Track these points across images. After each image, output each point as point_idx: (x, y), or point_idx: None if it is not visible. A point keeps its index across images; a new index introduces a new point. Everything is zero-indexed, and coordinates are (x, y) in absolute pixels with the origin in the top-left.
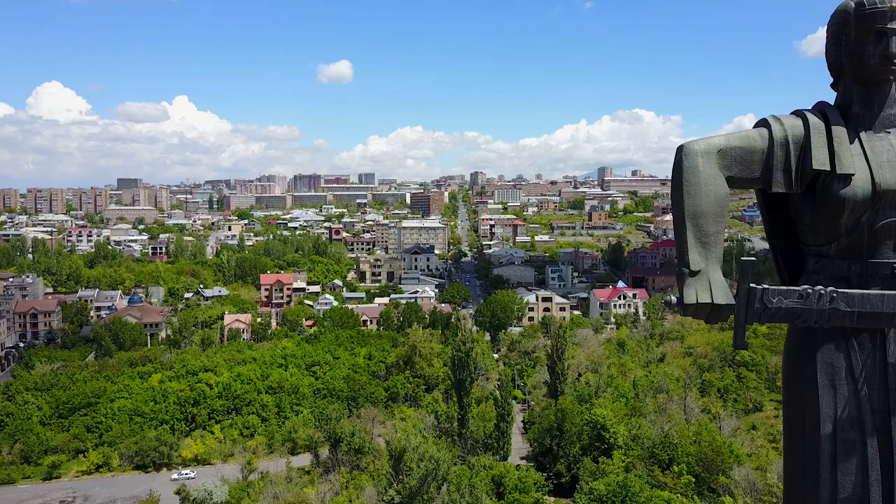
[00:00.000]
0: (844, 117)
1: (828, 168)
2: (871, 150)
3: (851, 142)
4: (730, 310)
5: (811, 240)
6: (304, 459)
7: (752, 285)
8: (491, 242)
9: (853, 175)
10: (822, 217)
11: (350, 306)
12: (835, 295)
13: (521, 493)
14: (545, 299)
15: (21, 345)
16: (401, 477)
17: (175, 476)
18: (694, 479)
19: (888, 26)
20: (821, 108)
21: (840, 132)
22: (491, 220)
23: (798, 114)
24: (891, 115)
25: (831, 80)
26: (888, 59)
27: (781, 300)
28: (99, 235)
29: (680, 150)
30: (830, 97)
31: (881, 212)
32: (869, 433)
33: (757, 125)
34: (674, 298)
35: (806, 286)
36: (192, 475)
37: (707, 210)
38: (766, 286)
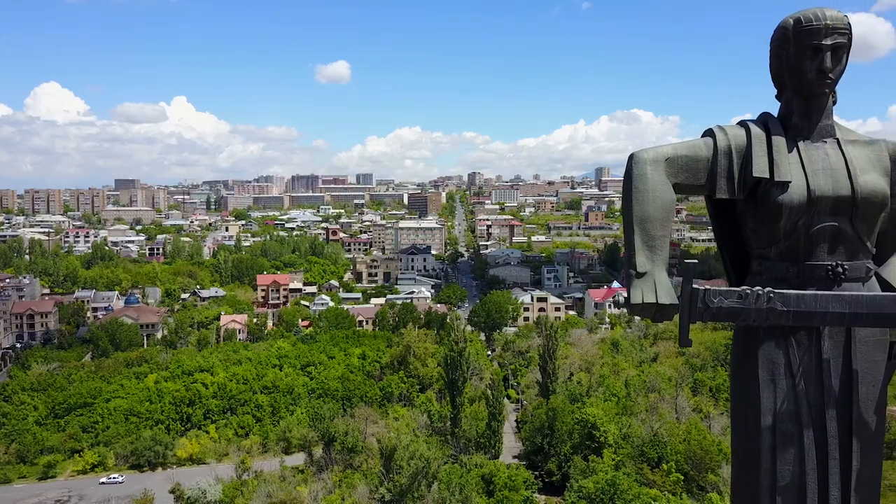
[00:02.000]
0: (785, 127)
1: (767, 175)
2: (807, 159)
3: (790, 151)
4: (674, 309)
5: (754, 243)
6: (298, 459)
7: (694, 286)
8: (488, 243)
9: (790, 182)
10: (763, 221)
11: (346, 307)
12: (772, 295)
13: (510, 490)
14: (540, 299)
15: (18, 345)
16: (391, 475)
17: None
18: (682, 477)
19: (823, 42)
20: (763, 119)
21: (779, 142)
22: (488, 220)
23: (742, 124)
24: (828, 126)
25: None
26: (823, 73)
27: (722, 300)
28: (96, 236)
29: (630, 158)
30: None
31: (816, 216)
32: (805, 425)
33: (704, 135)
34: (622, 298)
35: (745, 287)
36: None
37: (654, 215)
38: (707, 287)
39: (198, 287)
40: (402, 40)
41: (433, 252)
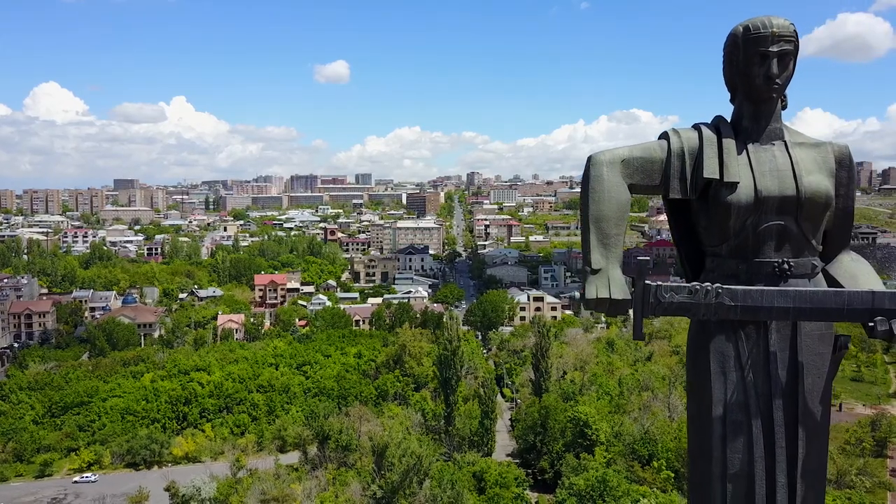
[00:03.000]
0: (736, 130)
1: (717, 176)
2: (755, 161)
3: (739, 153)
4: (627, 304)
5: (707, 241)
6: (292, 457)
7: (646, 282)
8: (485, 242)
9: (738, 183)
10: (714, 220)
11: (343, 306)
12: (720, 291)
13: (501, 487)
14: (536, 299)
15: (15, 345)
16: (383, 472)
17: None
18: (673, 475)
19: (770, 49)
20: (716, 123)
21: (729, 144)
22: (486, 220)
23: (696, 127)
24: (776, 129)
25: (729, 95)
26: (770, 79)
27: (673, 295)
28: (95, 236)
29: (588, 160)
30: (825, 95)
31: (763, 216)
32: (754, 415)
33: (660, 137)
34: (578, 294)
35: (695, 283)
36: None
37: (609, 215)
38: (659, 283)
39: (195, 287)
40: (401, 40)
41: (431, 252)
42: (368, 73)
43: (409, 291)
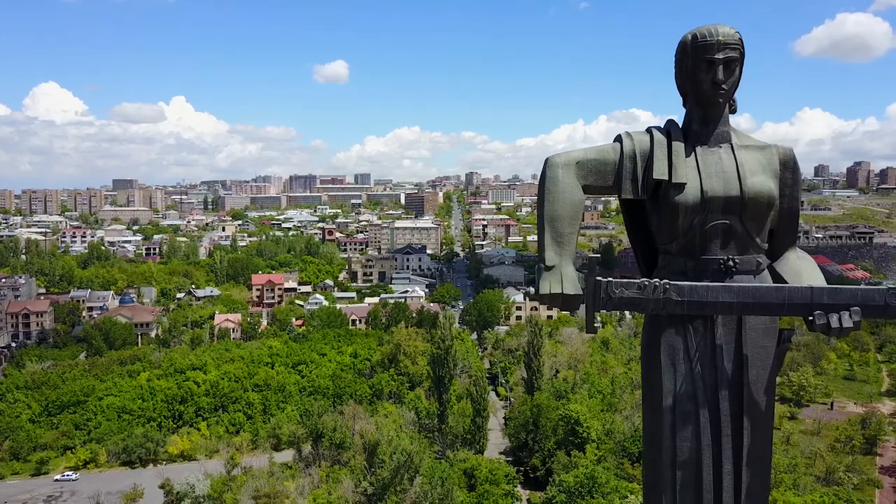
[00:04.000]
0: (686, 134)
1: (666, 177)
2: (703, 163)
3: (688, 155)
4: (579, 299)
5: (659, 240)
6: (287, 455)
7: (598, 278)
8: (483, 242)
9: (686, 183)
10: (664, 220)
11: (340, 306)
12: (667, 286)
13: (491, 484)
14: (532, 298)
15: (13, 345)
16: (374, 469)
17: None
18: None
19: (716, 57)
20: (668, 127)
21: (678, 147)
22: (484, 220)
23: (648, 130)
24: (724, 132)
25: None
26: (716, 84)
27: (623, 291)
28: (93, 236)
29: (545, 162)
30: (825, 95)
31: (710, 215)
32: (701, 405)
33: (615, 140)
34: (532, 290)
35: (643, 279)
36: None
37: (563, 214)
38: (609, 279)
39: (193, 287)
40: (400, 40)
41: (429, 252)
42: (368, 73)
43: (406, 291)
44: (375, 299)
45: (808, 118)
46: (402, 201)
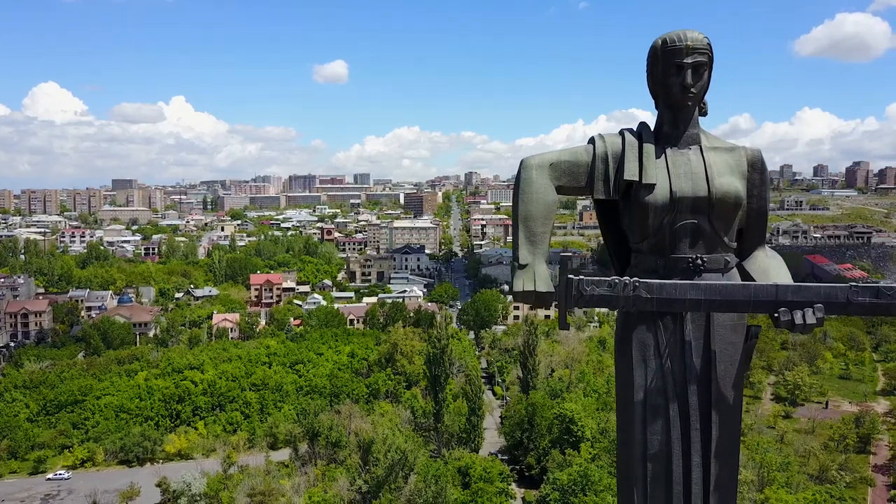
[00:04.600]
0: (657, 136)
1: (636, 178)
2: (672, 164)
3: (658, 157)
4: (551, 297)
5: (631, 239)
6: (283, 454)
7: (570, 276)
8: (482, 242)
9: (655, 184)
10: (635, 219)
11: (338, 306)
12: (637, 284)
13: (485, 482)
14: None
15: (12, 344)
16: (368, 467)
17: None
18: None
19: (685, 61)
20: (640, 129)
21: (649, 148)
22: (483, 220)
23: (621, 133)
24: (694, 135)
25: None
26: (685, 88)
27: (594, 289)
28: (92, 236)
29: (520, 163)
30: (824, 95)
31: (679, 215)
32: (671, 399)
33: (588, 142)
34: (507, 287)
35: (614, 277)
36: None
37: (536, 214)
38: (581, 277)
39: (191, 286)
40: (400, 40)
41: (427, 251)
42: (367, 73)
43: (404, 291)
44: (373, 299)
45: (807, 118)
46: (402, 201)
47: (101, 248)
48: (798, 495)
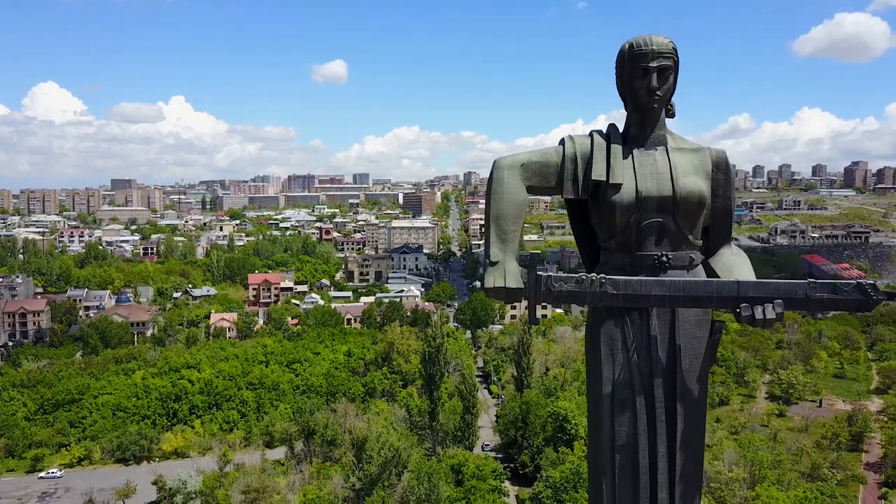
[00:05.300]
0: (625, 137)
1: (604, 178)
2: (639, 164)
3: (625, 157)
4: (521, 293)
5: (599, 237)
6: (280, 452)
7: (539, 273)
8: (480, 242)
9: (622, 184)
10: (603, 218)
11: (335, 305)
12: (603, 280)
13: (478, 480)
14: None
15: (10, 344)
16: (362, 465)
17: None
18: None
19: (650, 65)
20: (609, 130)
21: (616, 149)
22: (481, 219)
23: (590, 134)
24: (660, 136)
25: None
26: (651, 91)
27: (562, 285)
28: (91, 236)
29: (493, 164)
30: (824, 95)
31: (644, 214)
32: (638, 392)
33: (559, 143)
34: (478, 283)
35: (581, 273)
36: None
37: (507, 213)
38: (550, 274)
39: (190, 286)
40: (399, 40)
41: (426, 251)
42: (367, 73)
43: (402, 290)
44: (371, 299)
45: (807, 118)
46: (400, 201)
47: (100, 247)
48: (789, 493)
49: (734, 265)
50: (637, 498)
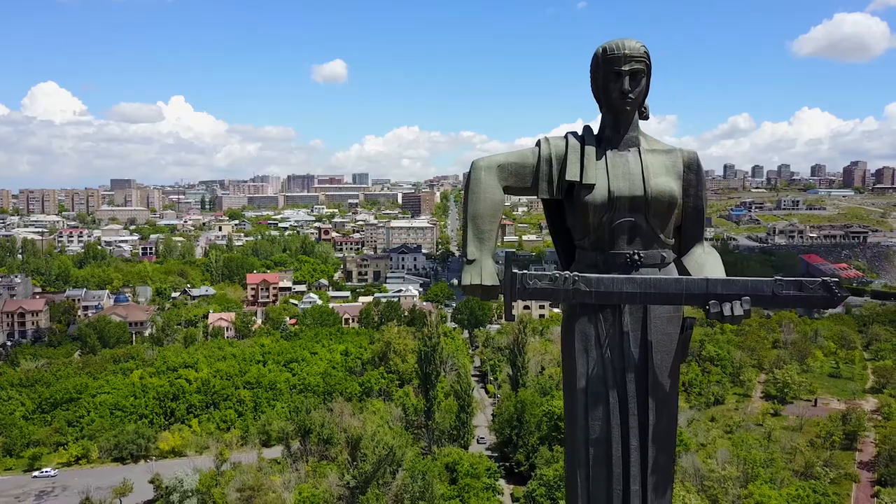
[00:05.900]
0: (599, 139)
1: (577, 179)
2: (611, 165)
3: (598, 158)
4: (497, 290)
5: (574, 236)
6: (276, 451)
7: (514, 271)
8: None
9: (595, 184)
10: (578, 217)
11: (333, 305)
12: (576, 278)
13: (472, 478)
14: None
15: (8, 343)
16: (357, 463)
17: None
18: None
19: (623, 69)
20: (584, 132)
21: (590, 150)
22: None
23: (565, 136)
24: (633, 137)
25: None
26: (624, 94)
27: (537, 282)
28: (90, 236)
29: (471, 165)
30: (823, 95)
31: (617, 213)
32: (611, 387)
33: (536, 145)
34: (455, 281)
35: (555, 271)
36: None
37: (483, 213)
38: (525, 272)
39: (188, 286)
40: (399, 39)
41: (424, 251)
42: (366, 73)
43: (400, 290)
44: (369, 298)
45: (806, 118)
46: (400, 201)
47: (99, 247)
48: (782, 491)
49: (705, 263)
50: (610, 489)
